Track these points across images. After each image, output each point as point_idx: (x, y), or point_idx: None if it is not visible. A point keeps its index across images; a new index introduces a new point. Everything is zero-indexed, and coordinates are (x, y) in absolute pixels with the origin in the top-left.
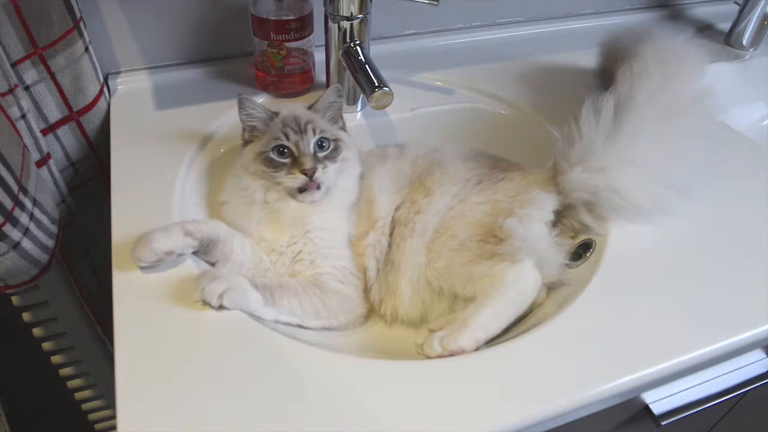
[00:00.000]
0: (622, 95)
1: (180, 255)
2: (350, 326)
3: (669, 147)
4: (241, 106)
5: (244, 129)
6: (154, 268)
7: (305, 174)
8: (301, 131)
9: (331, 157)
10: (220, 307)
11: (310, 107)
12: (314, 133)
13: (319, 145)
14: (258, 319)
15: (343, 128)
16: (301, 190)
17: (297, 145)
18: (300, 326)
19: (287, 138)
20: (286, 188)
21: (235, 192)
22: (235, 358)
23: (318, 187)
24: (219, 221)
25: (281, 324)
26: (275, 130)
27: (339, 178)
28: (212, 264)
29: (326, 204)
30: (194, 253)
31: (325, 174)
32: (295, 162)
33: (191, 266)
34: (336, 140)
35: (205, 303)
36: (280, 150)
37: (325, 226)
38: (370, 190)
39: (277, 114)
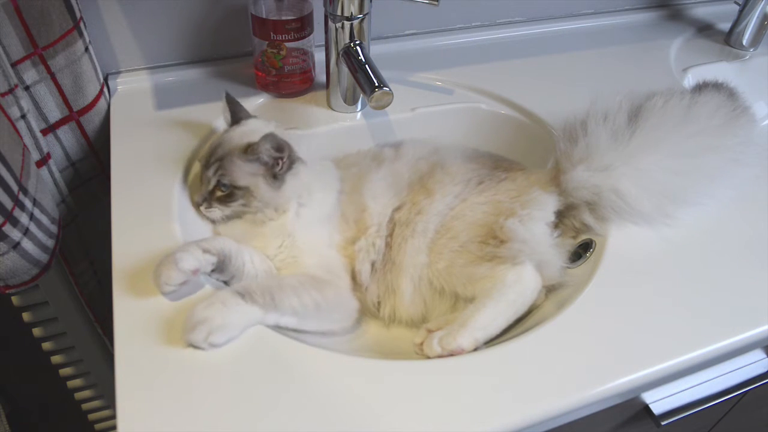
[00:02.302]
0: (645, 104)
1: (201, 274)
2: (346, 322)
3: (682, 160)
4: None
5: None
6: (176, 292)
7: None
8: (208, 165)
9: (225, 201)
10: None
11: (248, 146)
12: (215, 173)
13: (222, 183)
14: None
15: (279, 173)
16: None
17: (202, 174)
18: (297, 330)
19: (203, 161)
20: None
21: None
22: (234, 357)
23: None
24: (223, 237)
25: (281, 328)
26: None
27: (313, 198)
28: (227, 282)
29: (301, 217)
30: (211, 272)
31: (210, 213)
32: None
33: None
34: (238, 188)
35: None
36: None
37: (303, 234)
38: (361, 197)
39: (235, 123)
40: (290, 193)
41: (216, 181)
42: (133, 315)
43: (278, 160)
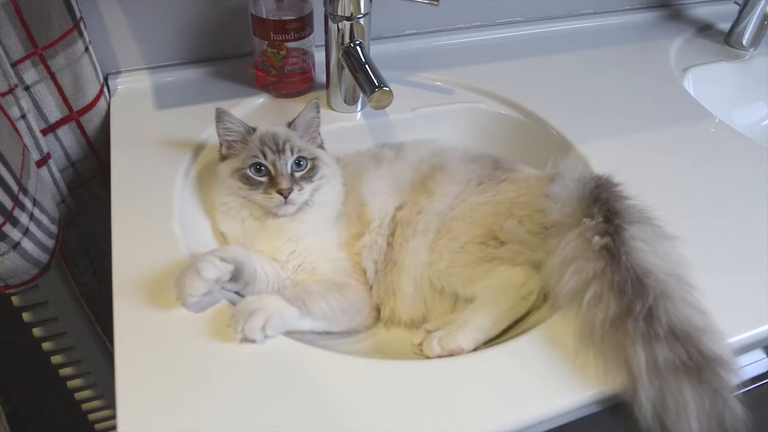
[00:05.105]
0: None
1: (220, 283)
2: (368, 320)
3: None
4: (219, 119)
5: (221, 144)
6: (197, 304)
7: (281, 194)
8: (279, 150)
9: (308, 177)
10: (266, 338)
11: (289, 124)
12: (292, 152)
13: (297, 164)
14: None
15: (321, 145)
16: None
17: (274, 165)
18: (327, 332)
19: (265, 156)
20: (262, 206)
21: (218, 208)
22: (234, 357)
23: (293, 204)
24: (233, 245)
25: (313, 333)
26: (253, 147)
27: (317, 194)
28: (238, 291)
29: (312, 218)
30: (228, 282)
31: (301, 195)
32: (272, 181)
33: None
34: (314, 159)
35: (250, 342)
36: (258, 168)
37: (315, 238)
38: (360, 194)
39: (254, 129)
40: (335, 161)
41: (294, 161)
42: (133, 315)
43: (317, 129)
